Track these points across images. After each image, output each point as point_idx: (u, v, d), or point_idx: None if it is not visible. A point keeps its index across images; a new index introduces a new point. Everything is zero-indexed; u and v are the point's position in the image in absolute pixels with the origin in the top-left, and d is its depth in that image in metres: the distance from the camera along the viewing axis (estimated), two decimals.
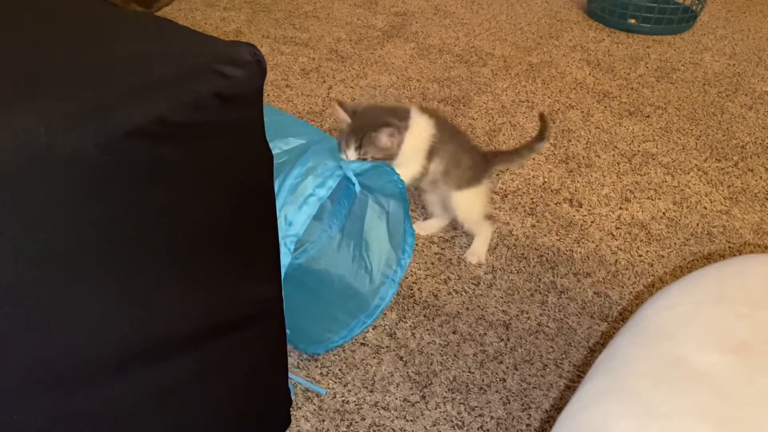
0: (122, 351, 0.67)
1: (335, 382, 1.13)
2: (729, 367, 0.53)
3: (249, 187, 0.75)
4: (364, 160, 1.16)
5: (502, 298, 1.31)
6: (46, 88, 0.57)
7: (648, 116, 1.92)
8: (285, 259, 0.94)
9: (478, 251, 1.39)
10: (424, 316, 1.26)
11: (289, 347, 1.09)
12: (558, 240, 1.45)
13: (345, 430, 1.05)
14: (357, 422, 1.06)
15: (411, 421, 1.07)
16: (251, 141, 0.73)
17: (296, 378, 1.10)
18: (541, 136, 1.40)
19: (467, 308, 1.28)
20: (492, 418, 1.08)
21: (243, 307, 0.82)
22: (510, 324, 1.25)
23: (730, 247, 1.46)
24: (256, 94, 0.70)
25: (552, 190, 1.60)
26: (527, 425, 1.08)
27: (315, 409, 1.08)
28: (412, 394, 1.11)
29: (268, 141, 0.74)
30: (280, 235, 0.94)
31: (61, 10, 0.72)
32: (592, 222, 1.51)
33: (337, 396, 1.10)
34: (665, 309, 0.62)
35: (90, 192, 0.57)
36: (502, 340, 1.22)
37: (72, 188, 0.56)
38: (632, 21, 2.41)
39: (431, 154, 1.26)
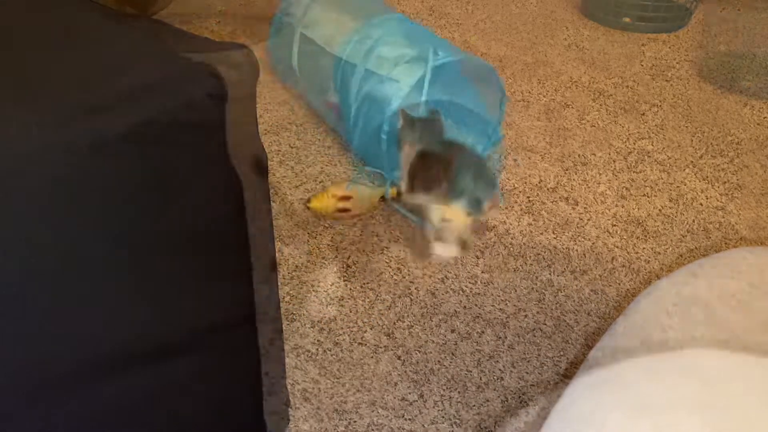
0: (116, 353, 0.67)
1: (333, 382, 1.13)
2: (720, 359, 0.54)
3: (242, 188, 0.75)
4: None
5: (499, 296, 1.31)
6: (40, 89, 0.57)
7: (643, 114, 1.92)
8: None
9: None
10: (422, 315, 1.26)
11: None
12: (554, 238, 1.46)
13: (344, 429, 1.05)
14: (355, 422, 1.07)
15: (409, 419, 1.07)
16: (245, 141, 0.73)
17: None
18: None
19: (465, 307, 1.28)
20: (490, 416, 1.09)
21: (238, 307, 0.82)
22: (507, 322, 1.26)
23: (726, 243, 1.46)
24: (249, 95, 0.70)
25: (548, 189, 1.60)
26: (525, 422, 1.08)
27: (313, 410, 1.08)
28: (410, 393, 1.12)
29: None
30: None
31: (55, 12, 0.73)
32: (588, 220, 1.51)
33: (336, 396, 1.11)
34: (657, 302, 0.62)
35: (82, 192, 0.58)
36: (500, 338, 1.22)
37: (64, 188, 0.56)
38: (627, 19, 2.42)
39: None
